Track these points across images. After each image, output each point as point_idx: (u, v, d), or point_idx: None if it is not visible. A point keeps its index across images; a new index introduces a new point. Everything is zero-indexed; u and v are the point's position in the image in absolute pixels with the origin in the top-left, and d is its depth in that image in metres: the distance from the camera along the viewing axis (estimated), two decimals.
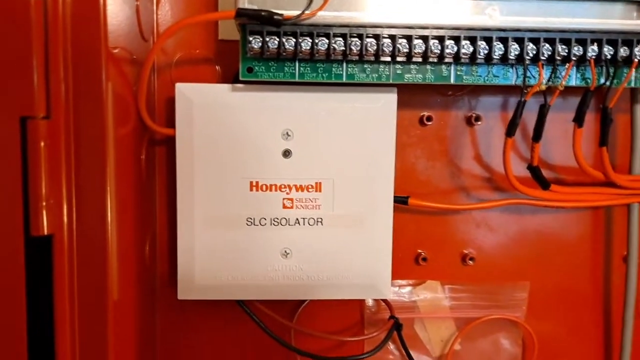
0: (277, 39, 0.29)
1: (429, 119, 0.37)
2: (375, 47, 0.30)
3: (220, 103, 0.33)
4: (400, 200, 0.35)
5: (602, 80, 0.32)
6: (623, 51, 0.31)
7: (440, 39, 0.30)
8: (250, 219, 0.34)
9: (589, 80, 0.32)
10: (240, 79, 0.31)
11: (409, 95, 0.36)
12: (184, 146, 0.33)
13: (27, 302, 0.25)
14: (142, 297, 0.34)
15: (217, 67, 0.36)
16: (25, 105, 0.24)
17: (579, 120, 0.33)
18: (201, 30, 0.35)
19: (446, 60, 0.31)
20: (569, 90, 0.33)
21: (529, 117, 0.34)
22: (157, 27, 0.35)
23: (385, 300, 0.37)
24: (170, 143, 0.35)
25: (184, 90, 0.33)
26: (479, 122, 0.37)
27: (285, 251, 0.34)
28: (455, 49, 0.30)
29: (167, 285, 0.37)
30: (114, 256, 0.28)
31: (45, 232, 0.25)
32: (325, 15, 0.29)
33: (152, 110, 0.36)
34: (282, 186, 0.34)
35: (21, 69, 0.24)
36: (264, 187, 0.34)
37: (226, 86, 0.33)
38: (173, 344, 0.38)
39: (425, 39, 0.30)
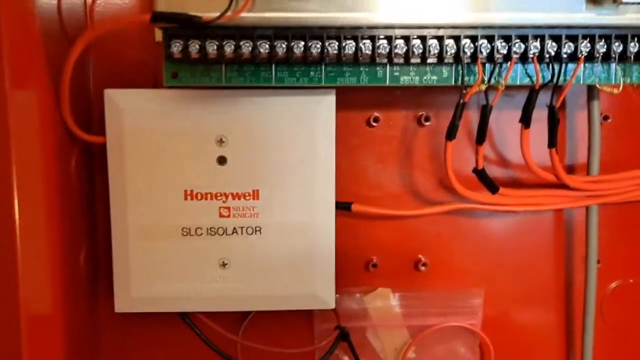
0: (199, 43, 0.28)
1: (376, 120, 0.35)
2: (302, 49, 0.28)
3: (151, 109, 0.31)
4: (343, 207, 0.34)
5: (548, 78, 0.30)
6: (567, 47, 0.29)
7: (372, 39, 0.29)
8: (186, 229, 0.32)
9: (534, 78, 0.30)
10: (165, 84, 0.30)
11: (355, 95, 0.35)
12: (115, 154, 0.32)
13: None
14: (76, 309, 0.33)
15: (153, 71, 0.34)
16: None
17: (525, 120, 0.31)
18: (138, 33, 0.34)
19: (379, 61, 0.29)
20: (520, 89, 0.31)
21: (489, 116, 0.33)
22: (88, 28, 0.33)
23: (332, 310, 0.35)
24: None
25: (113, 96, 0.31)
26: (429, 123, 0.36)
27: (223, 262, 0.33)
28: (388, 48, 0.29)
29: (110, 297, 0.36)
30: (31, 267, 0.27)
31: None
32: (249, 17, 0.28)
33: (89, 115, 0.34)
34: (218, 194, 0.32)
35: None
36: (199, 196, 0.32)
37: (156, 91, 0.32)
38: (119, 358, 0.37)
39: (355, 39, 0.29)
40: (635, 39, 0.29)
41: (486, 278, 0.37)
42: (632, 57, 0.30)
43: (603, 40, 0.29)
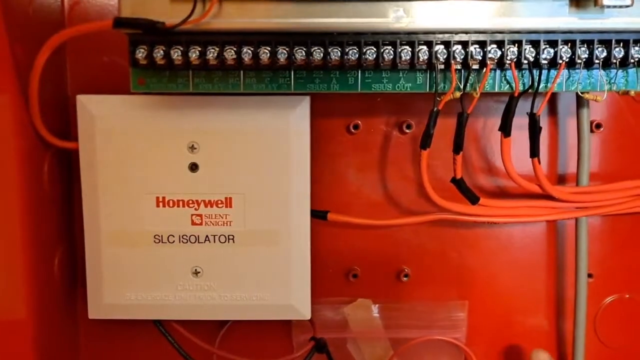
0: (164, 49, 0.28)
1: (356, 126, 0.35)
2: (268, 55, 0.28)
3: (123, 115, 0.31)
4: (318, 215, 0.33)
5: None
6: (547, 53, 0.28)
7: (341, 45, 0.28)
8: (158, 236, 0.32)
9: (513, 85, 0.29)
10: (132, 91, 0.29)
11: (334, 102, 0.34)
12: (88, 160, 0.32)
13: None
14: (51, 313, 0.33)
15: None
16: None
17: (504, 129, 0.30)
18: (115, 36, 0.34)
19: (349, 66, 0.28)
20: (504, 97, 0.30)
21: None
22: None
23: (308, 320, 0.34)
24: None
25: (85, 102, 0.31)
26: (410, 130, 0.34)
27: (196, 270, 0.32)
28: (357, 54, 0.28)
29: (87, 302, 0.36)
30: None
31: None
32: (214, 22, 0.27)
33: (67, 121, 0.34)
34: (190, 202, 0.32)
35: None
36: (171, 203, 0.32)
37: (128, 97, 0.31)
38: None
39: (323, 44, 0.28)
40: (620, 44, 0.28)
41: (471, 291, 0.36)
42: (617, 63, 0.28)
43: (585, 46, 0.28)
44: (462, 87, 0.29)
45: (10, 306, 0.29)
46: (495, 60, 0.28)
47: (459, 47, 0.28)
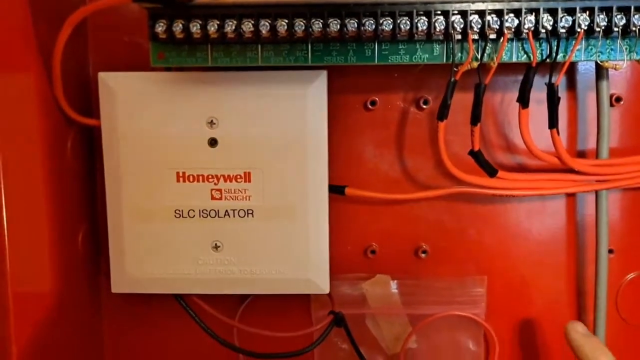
0: (183, 23, 0.28)
1: (373, 102, 0.35)
2: (286, 27, 0.28)
3: (143, 91, 0.32)
4: (336, 190, 0.33)
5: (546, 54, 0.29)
6: (565, 21, 0.28)
7: (357, 16, 0.28)
8: (179, 211, 0.33)
9: (530, 55, 0.29)
10: (152, 65, 0.30)
11: (351, 78, 0.34)
12: (109, 136, 0.32)
13: None
14: (74, 287, 0.34)
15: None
16: None
17: (522, 100, 0.30)
18: (135, 16, 0.34)
19: (366, 38, 0.28)
20: (523, 67, 0.30)
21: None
22: None
23: (327, 295, 0.35)
24: None
25: (106, 79, 0.32)
26: (428, 105, 0.35)
27: (216, 244, 0.33)
28: (374, 25, 0.28)
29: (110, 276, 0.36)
30: (21, 247, 0.28)
31: None
32: None
33: (89, 99, 0.35)
34: (210, 176, 0.32)
35: None
36: (191, 178, 0.32)
37: (148, 74, 0.32)
38: (120, 338, 0.38)
39: (340, 16, 0.28)
40: None
41: (490, 267, 0.36)
42: (637, 31, 0.28)
43: (604, 13, 0.28)
44: (479, 57, 0.29)
45: (36, 280, 0.30)
46: (513, 30, 0.28)
47: (476, 16, 0.28)
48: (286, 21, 0.28)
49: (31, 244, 0.29)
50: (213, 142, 0.32)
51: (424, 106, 0.34)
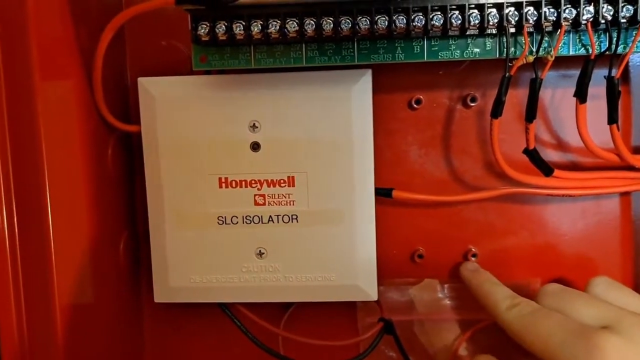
0: (226, 24, 0.27)
1: (418, 101, 0.34)
2: (331, 25, 0.27)
3: (183, 96, 0.31)
4: (383, 193, 0.32)
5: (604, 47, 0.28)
6: (626, 10, 0.26)
7: (406, 11, 0.27)
8: (222, 217, 0.32)
9: (589, 48, 0.28)
10: (194, 69, 0.29)
11: (394, 76, 0.33)
12: (150, 142, 0.32)
13: None
14: (117, 298, 0.33)
15: (190, 58, 0.34)
16: None
17: (580, 94, 0.28)
18: (174, 21, 0.34)
19: (415, 35, 0.27)
20: (581, 60, 0.28)
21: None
22: None
23: (375, 302, 0.34)
24: None
25: (146, 85, 0.31)
26: (475, 103, 0.33)
27: (260, 251, 0.32)
28: (424, 21, 0.27)
29: (151, 286, 0.36)
30: (65, 254, 0.27)
31: None
32: None
33: (127, 104, 0.34)
34: (253, 182, 0.31)
35: None
36: (234, 184, 0.32)
37: (188, 78, 0.31)
38: (160, 348, 0.37)
39: (388, 12, 0.27)
40: None
41: (542, 270, 0.35)
42: None
43: None
44: (534, 50, 0.27)
45: (79, 291, 0.29)
46: (570, 21, 0.27)
47: (532, 8, 0.27)
48: (332, 19, 0.27)
49: (75, 254, 0.29)
50: (255, 146, 0.31)
51: (471, 104, 0.33)
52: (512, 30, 0.27)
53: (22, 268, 0.26)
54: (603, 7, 0.26)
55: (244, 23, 0.27)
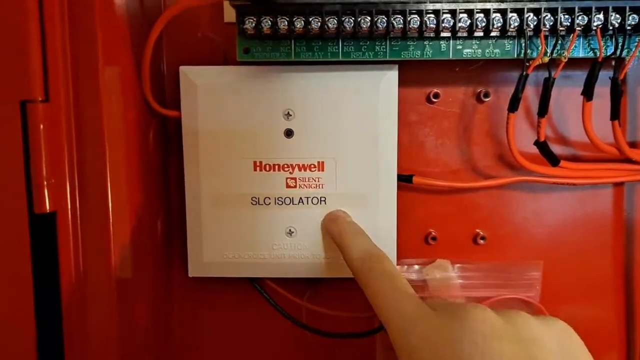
0: (271, 19, 0.30)
1: (436, 95, 0.36)
2: (368, 24, 0.30)
3: (222, 84, 0.33)
4: (404, 179, 0.35)
5: (611, 50, 0.31)
6: (632, 19, 0.30)
7: (436, 13, 0.30)
8: (255, 198, 0.34)
9: (597, 51, 0.31)
10: (237, 59, 0.32)
11: (415, 72, 0.36)
12: (189, 127, 0.34)
13: (33, 276, 0.27)
14: (155, 273, 0.35)
15: (223, 49, 0.36)
16: (25, 90, 0.26)
17: (587, 93, 0.32)
18: (208, 14, 0.36)
19: (443, 34, 0.30)
20: (584, 62, 0.31)
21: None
22: (164, 9, 0.36)
23: None
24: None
25: (187, 73, 0.34)
26: (488, 98, 0.36)
27: (290, 230, 0.35)
28: (452, 22, 0.30)
29: (182, 262, 0.38)
30: (120, 232, 0.30)
31: (48, 210, 0.27)
32: None
33: (163, 91, 0.37)
34: (285, 166, 0.34)
35: (19, 55, 0.26)
36: (268, 167, 0.34)
37: (228, 68, 0.33)
38: (189, 320, 0.39)
39: (420, 13, 0.30)
40: None
41: (544, 254, 0.38)
42: None
43: None
44: (549, 52, 0.30)
45: (129, 267, 0.32)
46: (582, 27, 0.30)
47: (549, 14, 0.30)
48: (369, 18, 0.30)
49: (126, 233, 0.31)
50: (289, 133, 0.34)
51: (485, 99, 0.36)
52: (530, 33, 0.30)
53: (82, 242, 0.28)
54: (612, 15, 0.30)
55: (287, 19, 0.30)
